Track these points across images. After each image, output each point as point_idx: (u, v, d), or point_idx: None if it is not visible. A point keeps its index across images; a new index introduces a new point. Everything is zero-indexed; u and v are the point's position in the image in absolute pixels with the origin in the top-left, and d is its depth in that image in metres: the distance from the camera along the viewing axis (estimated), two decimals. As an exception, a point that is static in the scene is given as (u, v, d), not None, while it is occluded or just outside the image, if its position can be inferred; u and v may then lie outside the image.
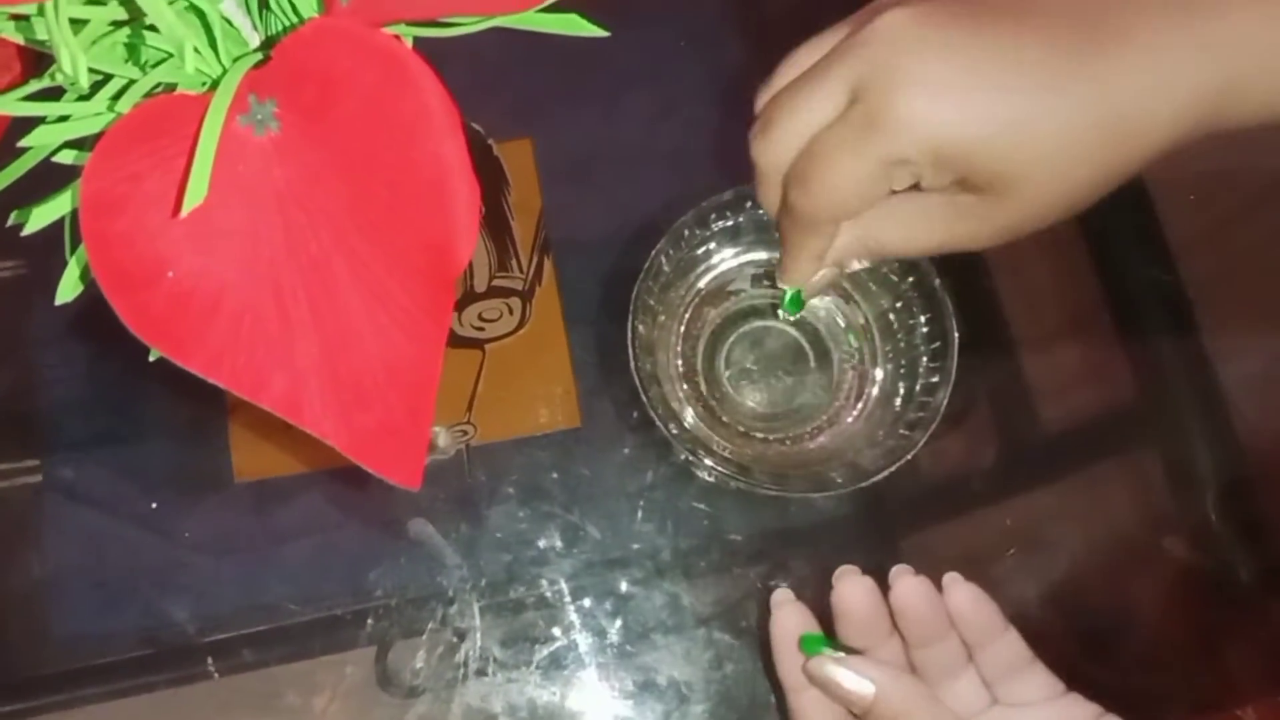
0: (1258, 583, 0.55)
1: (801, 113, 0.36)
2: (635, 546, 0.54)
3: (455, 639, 0.53)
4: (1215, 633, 0.54)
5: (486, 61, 0.46)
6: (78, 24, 0.30)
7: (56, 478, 0.56)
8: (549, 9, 0.35)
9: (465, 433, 0.57)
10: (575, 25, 0.35)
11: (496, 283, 0.59)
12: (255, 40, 0.36)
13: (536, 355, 0.59)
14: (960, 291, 0.50)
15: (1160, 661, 0.51)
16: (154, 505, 0.55)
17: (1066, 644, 0.53)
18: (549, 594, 0.54)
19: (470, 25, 0.35)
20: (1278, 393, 0.59)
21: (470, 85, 0.55)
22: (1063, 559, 0.43)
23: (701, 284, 0.56)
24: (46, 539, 0.55)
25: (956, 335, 0.49)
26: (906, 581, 0.42)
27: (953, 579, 0.43)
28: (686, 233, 0.52)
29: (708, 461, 0.49)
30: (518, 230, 0.60)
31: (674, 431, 0.49)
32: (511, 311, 0.59)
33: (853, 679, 0.41)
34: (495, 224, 0.60)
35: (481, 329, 0.59)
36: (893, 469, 0.48)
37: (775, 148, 0.37)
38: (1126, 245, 0.60)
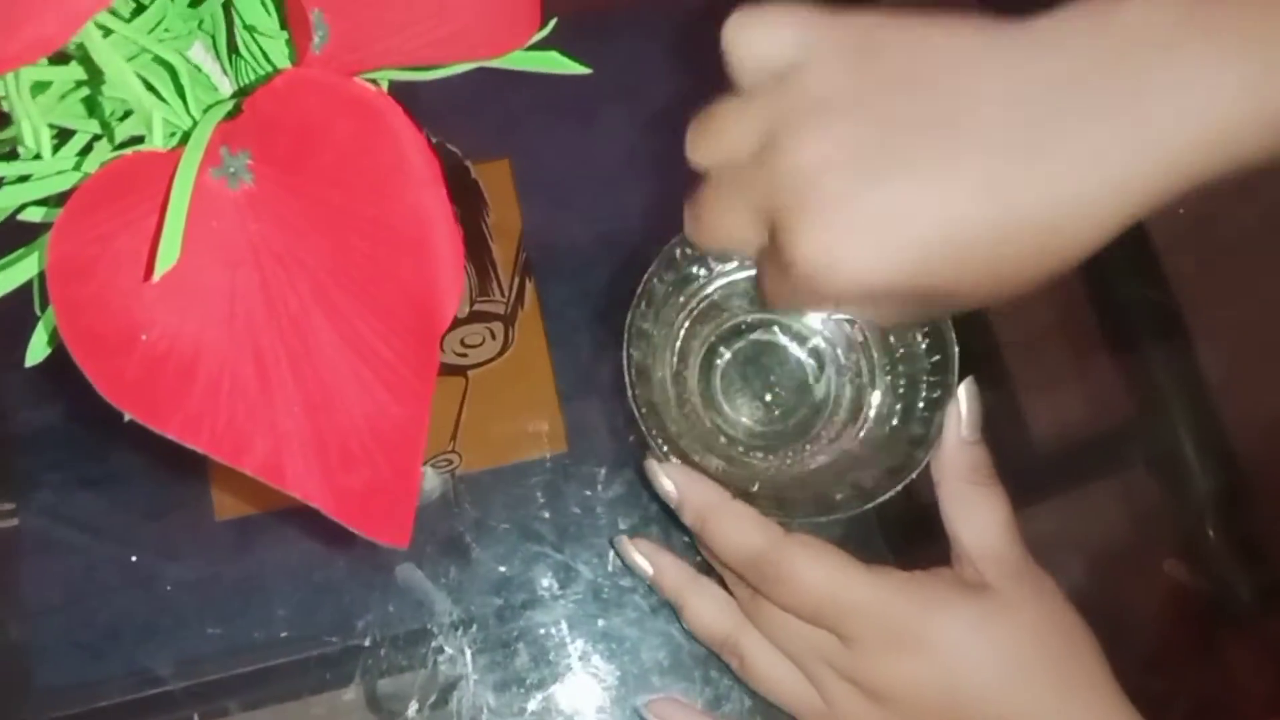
0: (1258, 601, 0.54)
1: (725, 232, 0.38)
2: (624, 583, 0.53)
3: (447, 686, 0.52)
4: (1216, 652, 0.54)
5: (461, 82, 0.45)
6: (40, 85, 0.29)
7: (33, 521, 0.55)
8: (528, 48, 0.34)
9: (450, 462, 0.56)
10: (556, 64, 0.35)
11: (478, 307, 0.58)
12: (225, 85, 0.35)
13: (521, 380, 0.58)
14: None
15: (1161, 679, 0.51)
16: (133, 548, 0.54)
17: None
18: (542, 636, 0.53)
19: (450, 69, 0.34)
20: (1266, 398, 0.58)
21: (446, 106, 0.54)
22: (1061, 579, 0.43)
23: (695, 304, 0.54)
24: (25, 584, 0.54)
25: (957, 349, 0.48)
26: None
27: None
28: (678, 254, 0.51)
29: None
30: (498, 253, 0.59)
31: (676, 463, 0.48)
32: (494, 336, 0.58)
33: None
34: (475, 247, 0.59)
35: (464, 355, 0.58)
36: (899, 488, 0.47)
37: (713, 240, 0.39)
38: (1112, 250, 0.60)
